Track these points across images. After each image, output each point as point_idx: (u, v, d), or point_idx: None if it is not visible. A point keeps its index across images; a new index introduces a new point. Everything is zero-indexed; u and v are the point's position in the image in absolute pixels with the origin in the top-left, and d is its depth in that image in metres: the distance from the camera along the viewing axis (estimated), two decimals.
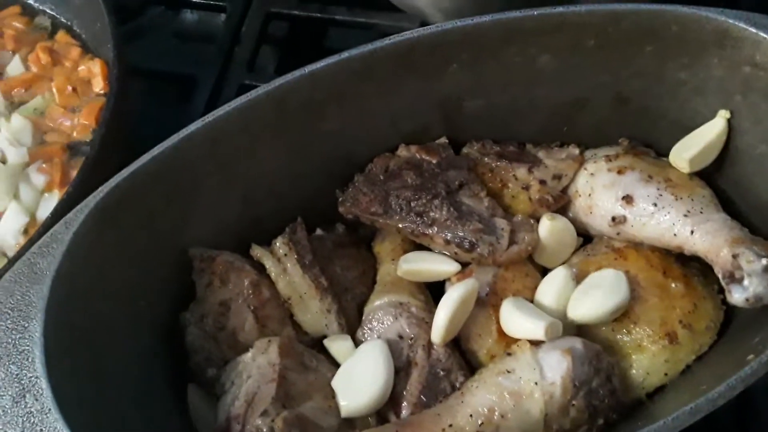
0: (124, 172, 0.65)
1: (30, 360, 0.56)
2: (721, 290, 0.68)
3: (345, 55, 0.70)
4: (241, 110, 0.68)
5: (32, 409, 0.54)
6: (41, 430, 0.53)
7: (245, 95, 0.68)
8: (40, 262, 0.60)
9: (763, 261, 0.62)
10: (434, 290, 0.74)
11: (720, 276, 0.66)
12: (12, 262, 0.74)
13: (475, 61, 0.74)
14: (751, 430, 0.76)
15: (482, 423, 0.61)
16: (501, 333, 0.69)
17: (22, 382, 0.55)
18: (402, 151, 0.79)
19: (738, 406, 0.77)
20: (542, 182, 0.77)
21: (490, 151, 0.79)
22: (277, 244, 0.73)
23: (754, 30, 0.68)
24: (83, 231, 0.62)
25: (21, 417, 0.54)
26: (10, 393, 0.55)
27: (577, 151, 0.79)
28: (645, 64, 0.74)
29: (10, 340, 0.57)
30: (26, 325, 0.57)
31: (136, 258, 0.67)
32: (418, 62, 0.73)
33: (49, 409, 0.54)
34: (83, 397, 0.57)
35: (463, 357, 0.70)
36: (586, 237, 0.77)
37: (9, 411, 0.54)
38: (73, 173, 0.89)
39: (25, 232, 0.89)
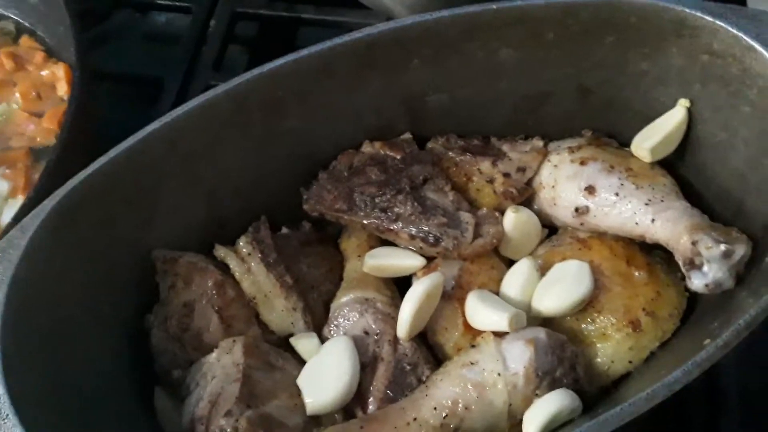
0: (81, 175, 0.64)
1: None
2: (684, 277, 0.69)
3: (304, 52, 0.70)
4: (200, 109, 0.68)
5: None
6: None
7: (204, 94, 0.68)
8: None
9: (722, 247, 0.63)
10: (402, 286, 0.74)
11: (680, 263, 0.66)
12: None
13: (436, 56, 0.74)
14: (720, 414, 0.76)
15: (446, 415, 0.61)
16: (467, 326, 0.69)
17: None
18: (366, 148, 0.79)
19: (706, 389, 0.78)
20: (506, 175, 0.77)
21: (454, 146, 0.79)
22: (241, 243, 0.73)
23: (710, 19, 0.69)
24: (39, 236, 0.61)
25: None
26: None
27: (541, 143, 0.79)
28: (606, 55, 0.75)
29: None
30: None
31: (96, 261, 0.67)
32: (379, 58, 0.73)
33: (7, 415, 0.53)
34: (43, 403, 0.57)
35: (431, 351, 0.70)
36: (551, 228, 0.77)
37: None
38: (37, 178, 0.88)
39: None
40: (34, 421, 0.54)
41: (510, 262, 0.74)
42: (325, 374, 0.66)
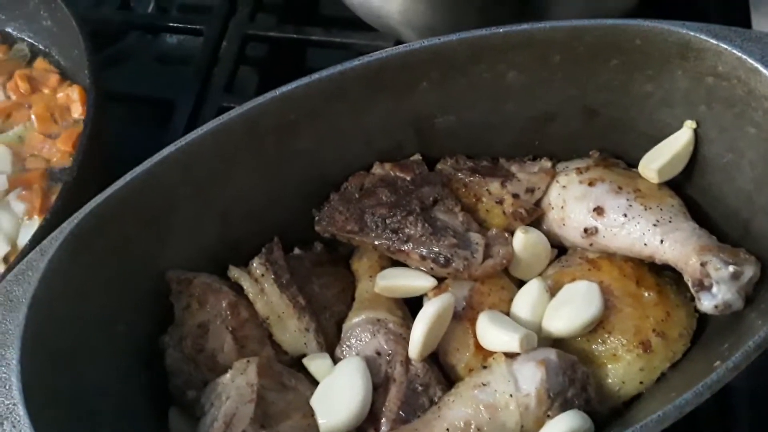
0: (98, 199, 0.65)
1: (7, 387, 0.56)
2: (694, 298, 0.69)
3: (316, 76, 0.71)
4: (214, 133, 0.69)
5: None
6: None
7: (218, 118, 0.69)
8: (15, 289, 0.60)
9: (731, 268, 0.63)
10: (413, 306, 0.75)
11: (690, 284, 0.67)
12: None
13: (444, 79, 0.76)
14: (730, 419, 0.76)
15: None
16: (478, 346, 0.70)
17: None
18: (376, 169, 0.80)
19: (719, 409, 0.78)
20: (515, 196, 0.78)
21: (463, 167, 0.80)
22: (254, 264, 0.74)
23: (714, 41, 0.69)
24: (58, 258, 0.62)
25: None
26: None
27: (549, 164, 0.80)
28: (611, 77, 0.76)
29: None
30: (2, 353, 0.58)
31: (112, 283, 0.68)
32: (389, 81, 0.74)
33: None
34: (62, 422, 0.58)
35: (442, 372, 0.71)
36: (560, 249, 0.78)
37: None
38: (53, 199, 0.90)
39: (5, 260, 0.89)
40: None
41: (520, 283, 0.75)
42: (338, 395, 0.66)
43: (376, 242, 0.75)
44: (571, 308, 0.70)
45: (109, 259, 0.67)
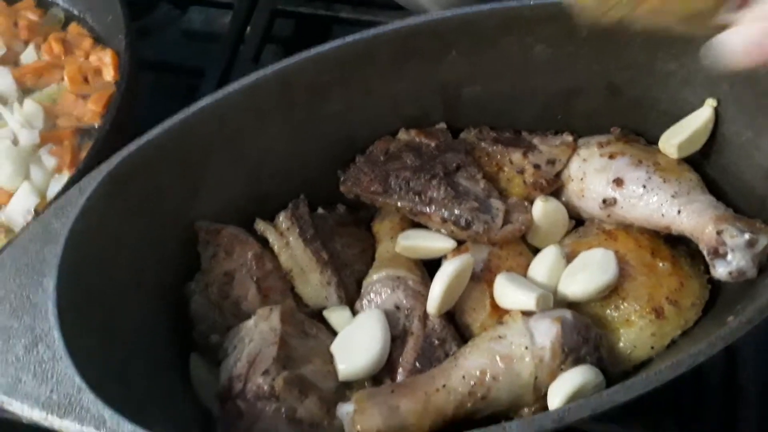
0: (136, 143, 0.68)
1: (43, 312, 0.58)
2: (707, 270, 0.71)
3: (349, 38, 0.74)
4: (249, 88, 0.71)
5: (44, 357, 0.56)
6: (53, 375, 0.56)
7: (253, 74, 0.71)
8: (54, 222, 0.62)
9: (746, 236, 0.65)
10: (431, 271, 0.77)
11: (705, 252, 0.68)
12: None
13: (473, 49, 0.78)
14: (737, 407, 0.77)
15: (474, 384, 0.63)
16: (494, 307, 0.72)
17: (35, 332, 0.57)
18: (402, 135, 0.82)
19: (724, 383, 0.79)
20: (536, 166, 0.79)
21: (486, 137, 0.82)
22: (281, 218, 0.76)
23: None
24: (95, 196, 0.64)
25: (33, 364, 0.56)
26: (23, 342, 0.57)
27: (570, 138, 0.82)
28: (635, 55, 0.78)
29: (24, 294, 0.59)
30: (40, 280, 0.60)
31: (144, 226, 0.70)
32: (419, 48, 0.77)
33: (61, 357, 0.56)
34: (92, 349, 0.60)
35: (458, 331, 0.73)
36: (577, 221, 0.80)
37: (22, 358, 0.57)
38: (83, 156, 0.92)
39: (36, 211, 0.92)
40: (84, 364, 0.57)
41: (537, 252, 0.77)
42: (357, 343, 0.68)
43: (399, 203, 0.77)
44: (586, 273, 0.71)
45: (143, 203, 0.69)
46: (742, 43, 0.43)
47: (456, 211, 0.75)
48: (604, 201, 0.76)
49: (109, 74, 1.02)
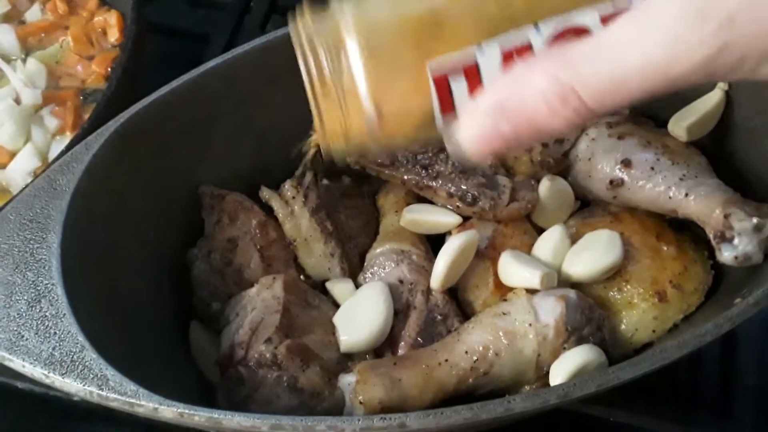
0: (144, 101, 0.67)
1: (47, 268, 0.58)
2: (711, 256, 0.71)
3: None
4: (259, 51, 0.70)
5: (47, 313, 0.56)
6: (55, 332, 0.55)
7: (263, 36, 0.70)
8: (59, 179, 0.62)
9: (754, 220, 0.65)
10: (434, 247, 0.77)
11: (711, 236, 0.68)
12: None
13: None
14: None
15: (477, 359, 0.63)
16: (497, 285, 0.71)
17: (38, 288, 0.57)
18: None
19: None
20: (544, 145, 0.79)
21: None
22: (286, 186, 0.75)
23: None
24: (102, 153, 0.64)
25: (36, 320, 0.56)
26: (26, 298, 0.57)
27: None
28: None
29: (27, 249, 0.59)
30: (44, 236, 0.59)
31: (149, 188, 0.69)
32: None
33: (64, 314, 0.56)
34: (95, 308, 0.59)
35: (460, 307, 0.73)
36: (583, 203, 0.80)
37: (24, 314, 0.56)
38: (86, 117, 0.91)
39: (35, 174, 0.91)
40: (87, 323, 0.56)
41: (542, 233, 0.76)
42: (359, 315, 0.68)
43: (406, 177, 0.76)
44: (591, 254, 0.71)
45: (149, 163, 0.68)
46: (470, 141, 0.44)
47: (463, 186, 0.74)
48: (612, 182, 0.75)
49: (114, 36, 1.00)
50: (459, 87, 0.45)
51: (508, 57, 0.44)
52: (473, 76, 0.44)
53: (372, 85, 0.44)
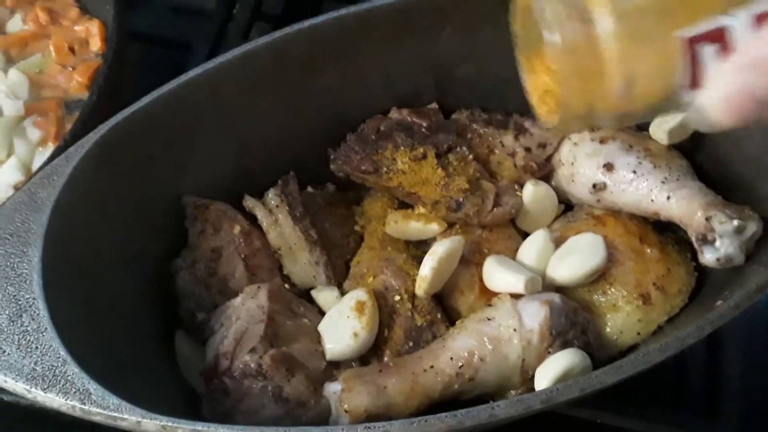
0: (125, 112, 0.66)
1: (28, 283, 0.57)
2: (694, 258, 0.72)
3: (343, 11, 0.73)
4: (240, 60, 0.70)
5: (29, 328, 0.55)
6: (37, 347, 0.55)
7: (245, 44, 0.70)
8: (40, 192, 0.61)
9: (735, 222, 0.65)
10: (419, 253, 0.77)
11: (693, 238, 0.69)
12: None
13: (469, 26, 0.77)
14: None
15: (462, 365, 0.63)
16: (482, 290, 0.72)
17: (20, 302, 0.56)
18: (394, 114, 0.81)
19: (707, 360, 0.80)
20: (527, 150, 0.79)
21: (478, 118, 0.82)
22: (270, 195, 0.75)
23: None
24: (82, 166, 0.63)
25: (17, 335, 0.55)
26: (7, 312, 0.56)
27: None
28: None
29: (8, 264, 0.58)
30: (25, 250, 0.59)
31: (131, 199, 0.69)
32: (414, 23, 0.76)
33: (45, 328, 0.55)
34: (77, 321, 0.59)
35: (446, 313, 0.73)
36: (567, 207, 0.80)
37: (5, 329, 0.56)
38: (68, 128, 0.90)
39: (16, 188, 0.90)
40: (69, 337, 0.56)
41: (526, 237, 0.77)
42: (345, 323, 0.68)
43: (390, 184, 0.76)
44: (575, 257, 0.71)
45: (130, 175, 0.68)
46: (722, 103, 0.45)
47: (446, 193, 0.74)
48: (594, 186, 0.76)
49: (95, 45, 1.00)
50: (708, 52, 0.46)
51: (761, 18, 0.45)
52: (723, 40, 0.46)
53: (624, 50, 0.47)
